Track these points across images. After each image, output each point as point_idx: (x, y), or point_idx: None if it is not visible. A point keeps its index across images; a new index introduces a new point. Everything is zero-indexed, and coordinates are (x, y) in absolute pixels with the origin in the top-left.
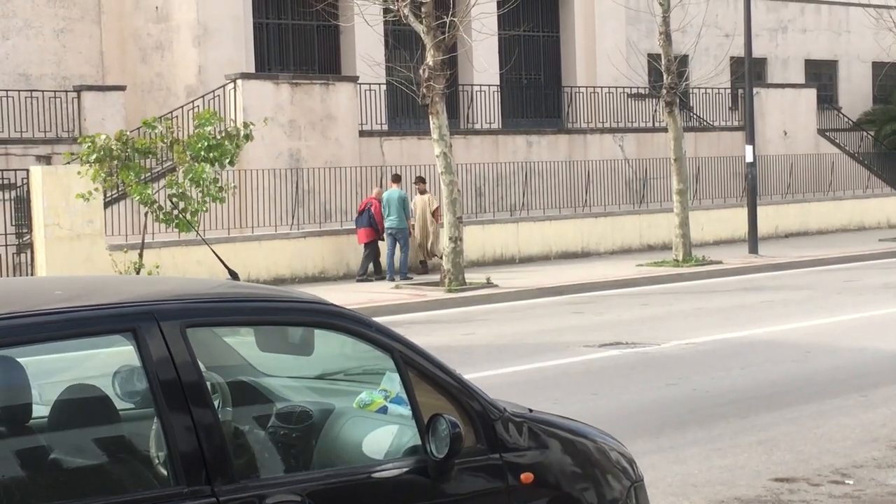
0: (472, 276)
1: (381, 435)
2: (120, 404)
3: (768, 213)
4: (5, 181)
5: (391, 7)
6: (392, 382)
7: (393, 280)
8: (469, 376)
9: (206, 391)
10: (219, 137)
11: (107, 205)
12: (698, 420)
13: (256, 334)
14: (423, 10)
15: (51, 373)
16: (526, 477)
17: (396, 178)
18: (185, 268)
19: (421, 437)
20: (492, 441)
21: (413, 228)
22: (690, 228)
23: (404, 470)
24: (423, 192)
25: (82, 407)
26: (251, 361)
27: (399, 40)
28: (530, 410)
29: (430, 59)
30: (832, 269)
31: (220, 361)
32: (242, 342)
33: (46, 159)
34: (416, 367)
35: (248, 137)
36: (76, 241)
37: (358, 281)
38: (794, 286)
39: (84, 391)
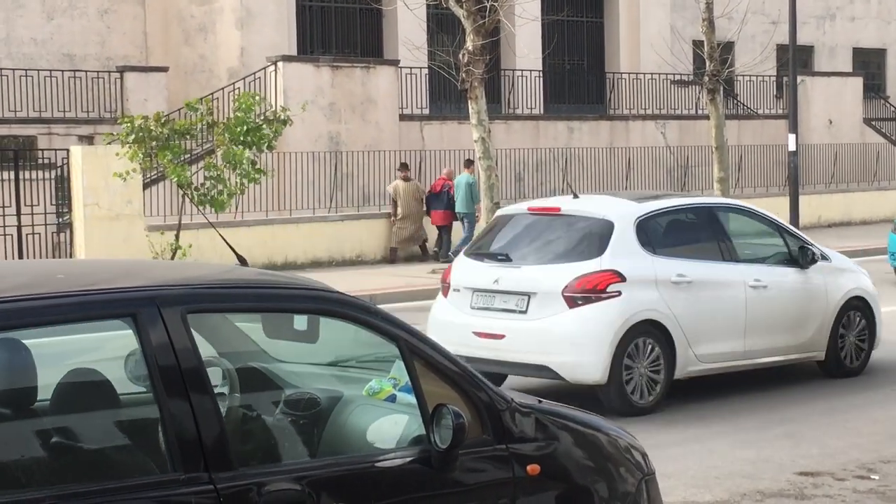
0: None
1: (388, 424)
2: (121, 389)
3: (811, 202)
4: (46, 160)
5: None
6: (401, 371)
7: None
8: None
9: (206, 378)
10: (258, 122)
11: (146, 186)
12: (726, 412)
13: (263, 321)
14: None
15: (55, 356)
16: (533, 468)
17: (469, 163)
18: (224, 249)
19: (425, 427)
20: (498, 432)
21: (396, 216)
22: None
23: (408, 460)
24: (406, 179)
25: (83, 391)
26: (264, 347)
27: (441, 24)
28: (539, 401)
29: (469, 44)
30: (875, 260)
31: (232, 347)
32: (258, 328)
33: (89, 139)
34: (422, 357)
35: (285, 122)
36: (115, 221)
37: (443, 261)
38: None
39: (85, 375)
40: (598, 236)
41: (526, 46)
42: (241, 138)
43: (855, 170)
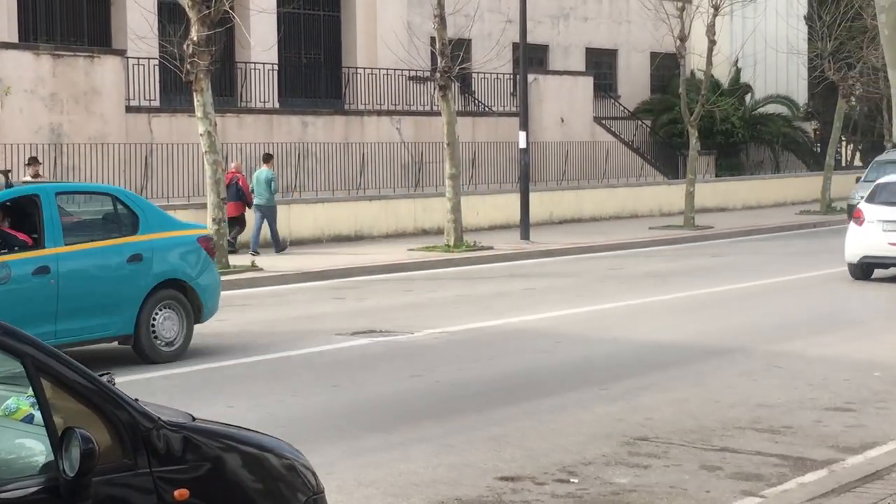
0: (236, 260)
1: (17, 448)
2: None
3: (543, 199)
4: None
5: None
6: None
7: (256, 253)
8: (207, 366)
9: None
10: None
11: None
12: (434, 414)
13: None
14: None
15: None
16: (180, 493)
17: (267, 158)
18: None
19: (54, 452)
20: (141, 454)
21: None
22: (465, 213)
23: (32, 490)
24: (36, 175)
25: None
26: None
27: (172, 14)
28: (193, 419)
29: (194, 35)
30: (600, 257)
31: None
32: None
33: None
34: (52, 374)
35: None
36: None
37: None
38: (559, 273)
39: None
40: None
41: (260, 39)
42: None
43: (585, 167)
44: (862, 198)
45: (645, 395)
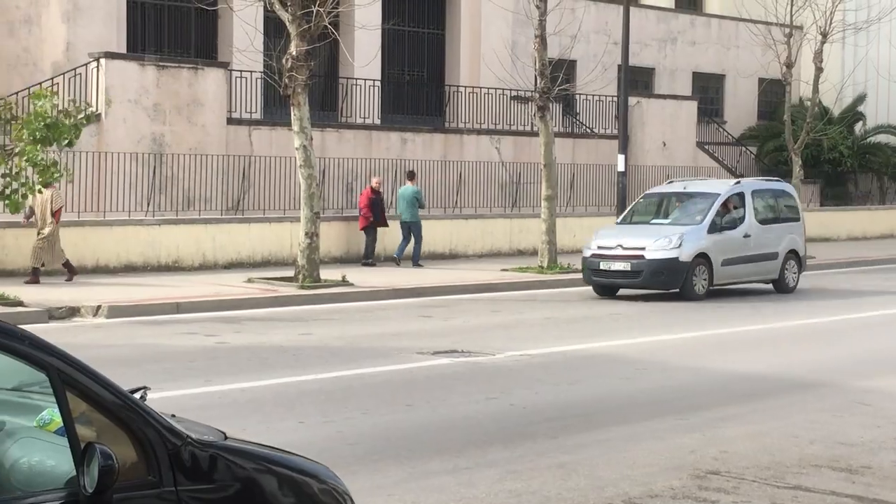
0: (328, 274)
1: (46, 460)
2: None
3: None
4: None
5: None
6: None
7: (398, 262)
8: (284, 380)
9: None
10: (57, 116)
11: None
12: (504, 438)
13: None
14: None
15: None
16: None
17: (411, 175)
18: (29, 250)
19: (76, 467)
20: (167, 472)
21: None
22: (561, 235)
23: None
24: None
25: None
26: None
27: (277, 29)
28: (225, 437)
29: (293, 49)
30: None
31: None
32: None
33: None
34: (78, 388)
35: (88, 119)
36: None
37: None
38: (651, 298)
39: None
40: None
41: (363, 55)
42: (38, 134)
43: None
44: None
45: (723, 427)
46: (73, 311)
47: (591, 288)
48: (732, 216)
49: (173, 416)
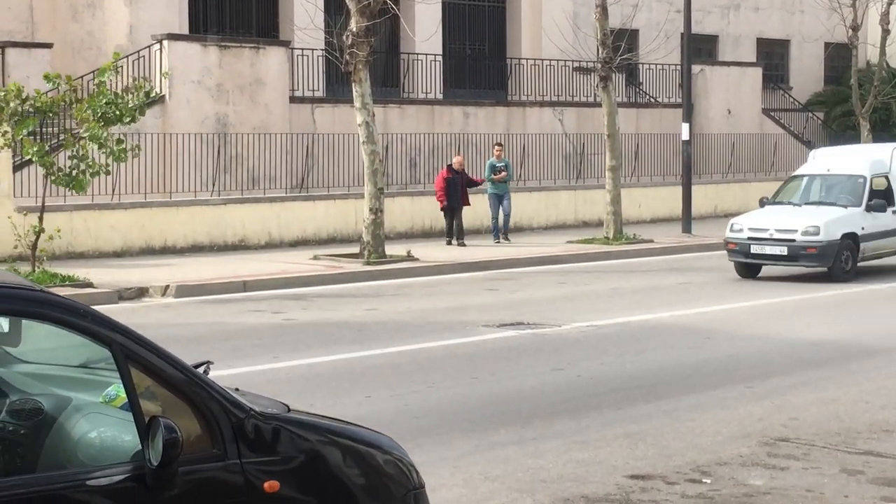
0: (393, 249)
1: (112, 434)
2: None
3: (707, 192)
4: None
5: None
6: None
7: (499, 241)
8: (350, 355)
9: None
10: (121, 94)
11: (21, 166)
12: (571, 409)
13: None
14: None
15: None
16: (271, 485)
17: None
18: (98, 232)
19: (141, 441)
20: (231, 445)
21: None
22: (626, 206)
23: (120, 478)
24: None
25: None
26: (7, 347)
27: (338, 6)
28: (289, 410)
29: (353, 25)
30: None
31: None
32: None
33: None
34: (141, 363)
35: (148, 95)
36: None
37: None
38: (718, 268)
39: None
40: None
41: (424, 30)
42: (101, 113)
43: (753, 160)
44: None
45: (791, 395)
46: (141, 292)
47: (657, 259)
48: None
49: (237, 389)
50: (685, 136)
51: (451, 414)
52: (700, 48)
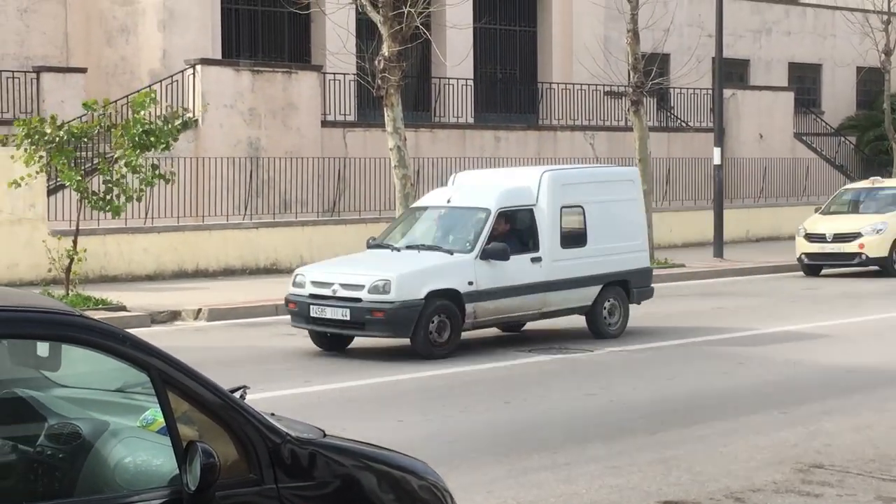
0: None
1: (149, 459)
2: None
3: (739, 216)
4: None
5: None
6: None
7: None
8: (382, 379)
9: None
10: (156, 121)
11: (55, 190)
12: (604, 434)
13: (9, 347)
14: None
15: None
16: None
17: None
18: (131, 256)
19: (178, 465)
20: (268, 470)
21: None
22: (658, 230)
23: (158, 503)
24: None
25: None
26: (48, 371)
27: (369, 31)
28: (324, 435)
29: (385, 50)
30: (796, 276)
31: (5, 372)
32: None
33: (2, 141)
34: (179, 387)
35: (185, 124)
36: (17, 225)
37: None
38: (751, 292)
39: None
40: None
41: (455, 54)
42: (138, 139)
43: (785, 185)
44: None
45: (825, 421)
46: (174, 315)
47: (688, 283)
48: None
49: (273, 414)
50: (717, 160)
51: (483, 439)
52: (731, 72)
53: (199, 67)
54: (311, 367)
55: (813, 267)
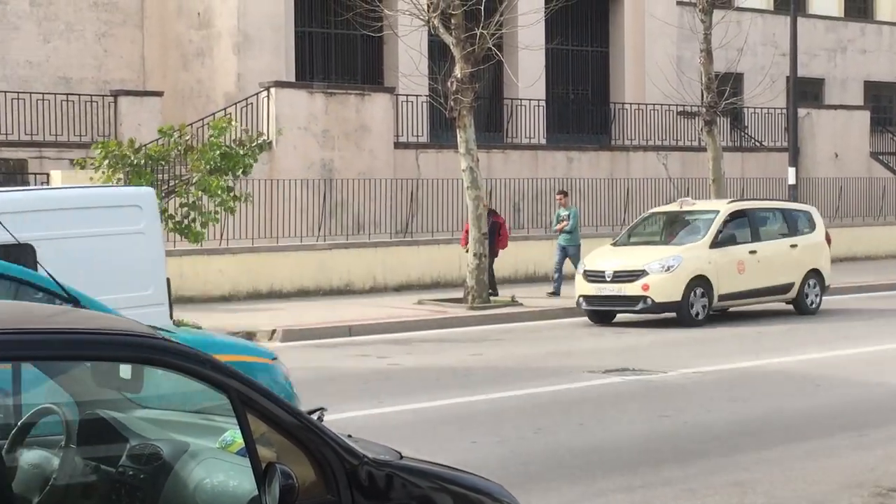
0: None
1: (228, 481)
2: None
3: None
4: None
5: (420, 18)
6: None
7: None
8: (455, 400)
9: None
10: (233, 146)
11: None
12: (678, 457)
13: (92, 369)
14: (452, 21)
15: None
16: None
17: (564, 195)
18: (207, 276)
19: (258, 487)
20: (345, 492)
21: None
22: None
23: None
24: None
25: None
26: (131, 393)
27: (442, 53)
28: (401, 456)
29: (458, 72)
30: (874, 297)
31: (82, 395)
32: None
33: (81, 164)
34: (258, 409)
35: (261, 148)
36: None
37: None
38: (825, 313)
39: None
40: None
41: (527, 75)
42: (215, 164)
43: (861, 204)
44: None
45: None
46: (249, 336)
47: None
48: None
49: (350, 436)
50: (791, 180)
51: (557, 460)
52: (806, 91)
53: (273, 90)
54: (384, 388)
55: (597, 313)
